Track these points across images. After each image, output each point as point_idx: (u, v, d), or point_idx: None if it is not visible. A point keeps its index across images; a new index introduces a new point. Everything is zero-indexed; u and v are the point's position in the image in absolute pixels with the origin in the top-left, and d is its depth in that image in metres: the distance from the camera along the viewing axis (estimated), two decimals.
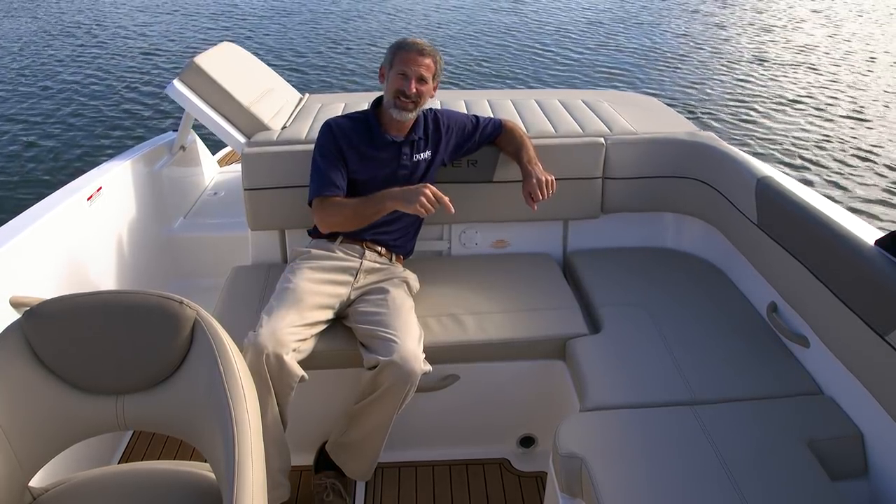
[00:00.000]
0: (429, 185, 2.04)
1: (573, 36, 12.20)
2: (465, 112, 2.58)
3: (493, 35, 12.19)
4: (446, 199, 2.03)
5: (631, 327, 2.18)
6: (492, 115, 2.64)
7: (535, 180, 2.21)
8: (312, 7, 14.83)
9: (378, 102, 2.28)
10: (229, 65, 2.96)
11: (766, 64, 10.49)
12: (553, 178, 2.24)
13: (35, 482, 1.58)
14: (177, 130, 3.23)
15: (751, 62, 10.59)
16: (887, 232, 1.72)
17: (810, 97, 8.77)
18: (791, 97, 8.76)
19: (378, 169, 2.23)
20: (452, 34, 12.23)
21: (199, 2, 15.36)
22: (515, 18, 13.78)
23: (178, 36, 11.97)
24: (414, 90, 2.14)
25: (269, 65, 3.41)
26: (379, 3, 15.46)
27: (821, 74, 9.88)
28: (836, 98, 8.73)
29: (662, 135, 2.62)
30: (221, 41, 3.24)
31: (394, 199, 2.07)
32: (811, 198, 2.07)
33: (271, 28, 12.67)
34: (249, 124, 2.73)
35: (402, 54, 2.15)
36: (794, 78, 9.69)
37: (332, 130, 2.23)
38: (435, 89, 2.25)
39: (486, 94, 3.18)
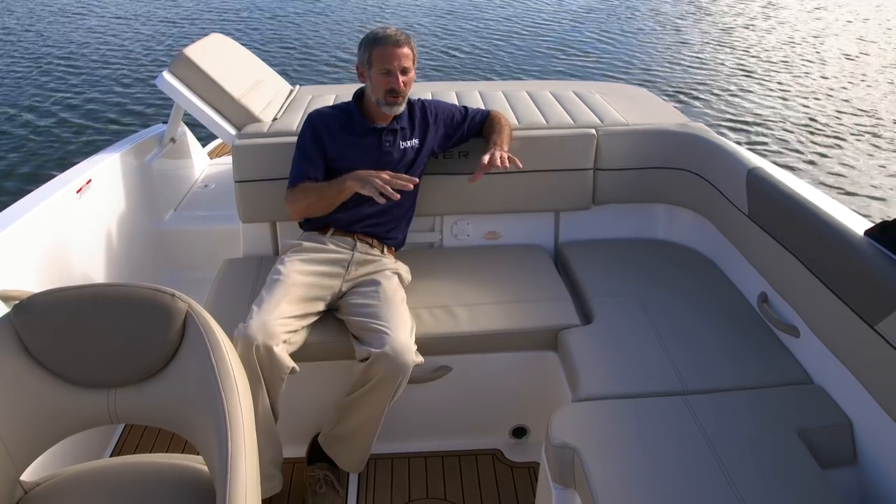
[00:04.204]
0: (389, 172, 2.05)
1: (562, 26, 12.18)
2: (456, 103, 2.57)
3: (483, 25, 12.15)
4: (404, 176, 2.03)
5: (623, 318, 2.19)
6: (483, 107, 2.63)
7: (485, 158, 2.16)
8: None
9: (361, 93, 2.29)
10: (219, 56, 2.95)
11: (756, 53, 10.51)
12: (509, 155, 2.19)
13: (26, 476, 1.57)
14: (166, 122, 3.21)
15: (742, 51, 10.60)
16: (877, 222, 1.73)
17: (802, 85, 8.79)
18: (782, 86, 8.78)
19: (361, 156, 2.24)
20: (440, 25, 12.18)
21: None
22: (508, 9, 13.75)
23: (167, 27, 11.88)
24: (402, 84, 2.14)
25: (259, 56, 3.39)
26: None
27: (812, 62, 9.92)
28: (827, 85, 8.77)
29: (654, 126, 2.63)
30: (211, 32, 3.22)
31: (354, 180, 2.08)
32: (801, 188, 2.08)
33: (261, 19, 12.59)
34: (240, 116, 2.71)
35: (379, 51, 2.13)
36: (786, 66, 9.71)
37: (313, 121, 2.27)
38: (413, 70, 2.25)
39: (477, 85, 3.18)
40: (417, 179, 2.04)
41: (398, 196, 2.01)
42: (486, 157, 2.17)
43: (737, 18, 13.38)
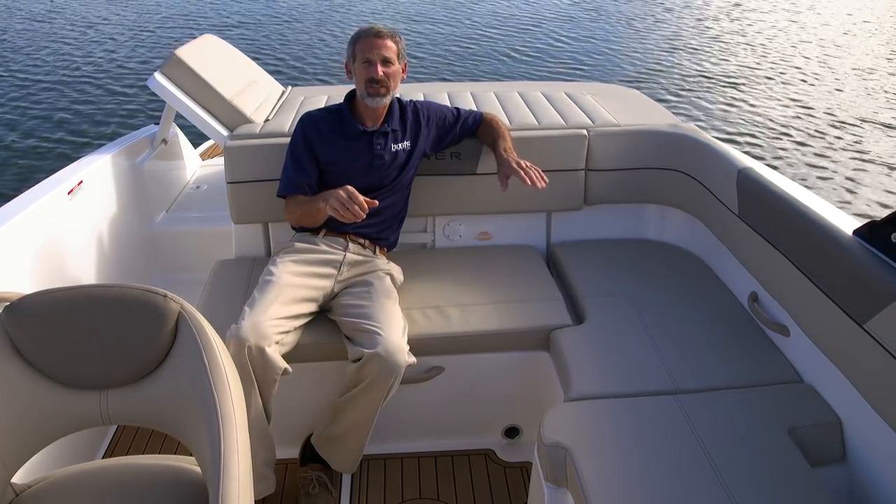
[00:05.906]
0: (349, 187, 1.97)
1: (553, 28, 12.20)
2: (448, 104, 2.58)
3: (475, 28, 12.16)
4: (361, 199, 1.94)
5: (614, 318, 2.20)
6: (475, 107, 2.64)
7: (512, 164, 2.20)
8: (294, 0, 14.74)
9: (352, 95, 2.29)
10: (211, 57, 2.94)
11: (748, 50, 10.55)
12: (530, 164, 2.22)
13: (17, 478, 1.57)
14: (158, 124, 3.20)
15: (732, 49, 10.65)
16: (865, 222, 1.75)
17: (795, 85, 8.84)
18: (774, 86, 8.82)
19: (352, 159, 2.24)
20: (430, 27, 12.18)
21: None
22: (498, 11, 13.76)
23: (159, 28, 11.85)
24: (381, 73, 2.14)
25: (251, 57, 3.39)
26: None
27: (807, 62, 9.97)
28: (819, 84, 8.81)
29: (645, 127, 2.64)
30: (202, 33, 3.21)
31: (324, 200, 2.02)
32: (791, 188, 2.09)
33: (253, 20, 12.56)
34: (232, 117, 2.71)
35: (361, 43, 2.15)
36: (778, 65, 9.75)
37: (304, 125, 2.26)
38: (404, 71, 2.25)
39: (468, 86, 3.18)
40: (366, 208, 1.95)
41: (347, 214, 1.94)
42: (514, 165, 2.18)
43: (726, 23, 13.43)
